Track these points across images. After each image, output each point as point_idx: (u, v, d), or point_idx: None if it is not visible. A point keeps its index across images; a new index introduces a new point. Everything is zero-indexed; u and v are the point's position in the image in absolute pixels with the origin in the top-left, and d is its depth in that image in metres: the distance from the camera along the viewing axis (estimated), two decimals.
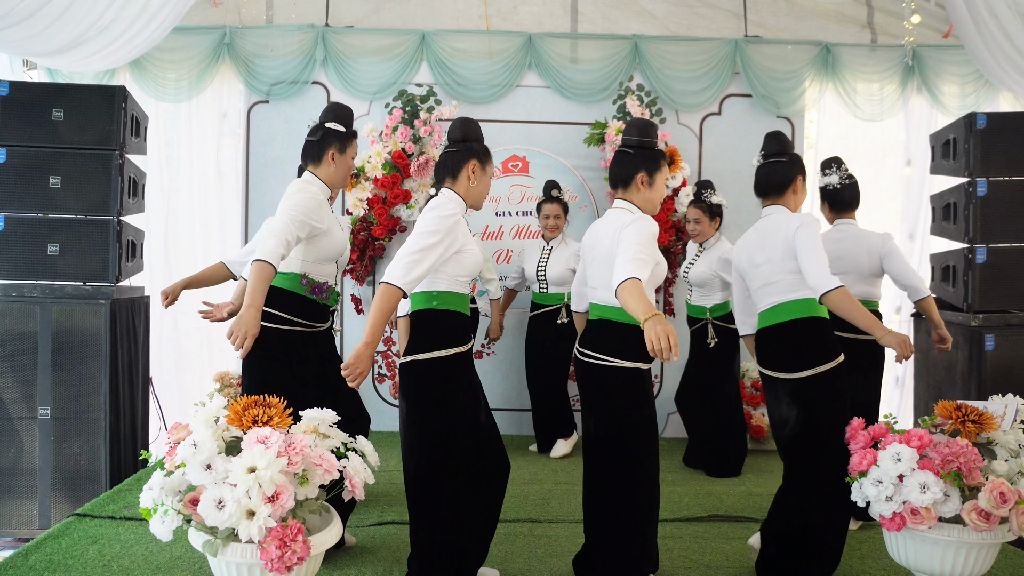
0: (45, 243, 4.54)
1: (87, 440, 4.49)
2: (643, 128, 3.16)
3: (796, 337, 3.18)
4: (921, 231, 6.20)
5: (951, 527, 2.64)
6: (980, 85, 6.09)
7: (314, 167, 3.40)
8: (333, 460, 2.42)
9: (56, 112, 4.56)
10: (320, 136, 3.38)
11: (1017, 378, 4.51)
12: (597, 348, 3.03)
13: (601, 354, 3.00)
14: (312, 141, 3.40)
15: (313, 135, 3.41)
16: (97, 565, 3.22)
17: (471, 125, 3.16)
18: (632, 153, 3.13)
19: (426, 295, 2.96)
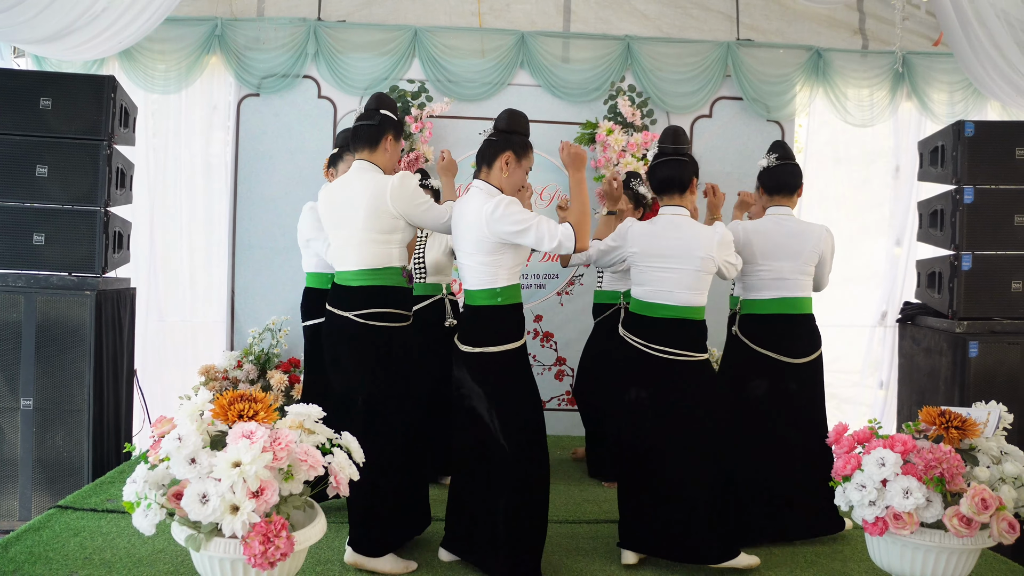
0: (31, 232, 4.51)
1: (70, 432, 4.46)
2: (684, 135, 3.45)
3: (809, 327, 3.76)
4: (908, 237, 6.24)
5: (933, 532, 2.66)
6: (969, 93, 6.14)
7: (369, 153, 3.32)
8: (318, 456, 2.41)
9: (44, 101, 4.52)
10: (379, 121, 3.31)
11: (1000, 385, 4.55)
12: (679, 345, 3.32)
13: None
14: (369, 125, 3.31)
15: (368, 119, 3.32)
16: (78, 557, 3.20)
17: (517, 117, 3.23)
18: (688, 160, 3.39)
19: (489, 292, 3.14)
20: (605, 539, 3.69)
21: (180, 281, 6.15)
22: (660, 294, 3.36)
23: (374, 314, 3.20)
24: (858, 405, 6.47)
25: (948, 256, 4.79)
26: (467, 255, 3.19)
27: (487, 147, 3.21)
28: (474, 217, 3.11)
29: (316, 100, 5.95)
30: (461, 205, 3.24)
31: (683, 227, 3.37)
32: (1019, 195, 4.72)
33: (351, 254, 3.25)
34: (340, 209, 3.28)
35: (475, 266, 3.17)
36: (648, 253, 3.38)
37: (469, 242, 3.16)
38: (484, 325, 3.15)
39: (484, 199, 3.11)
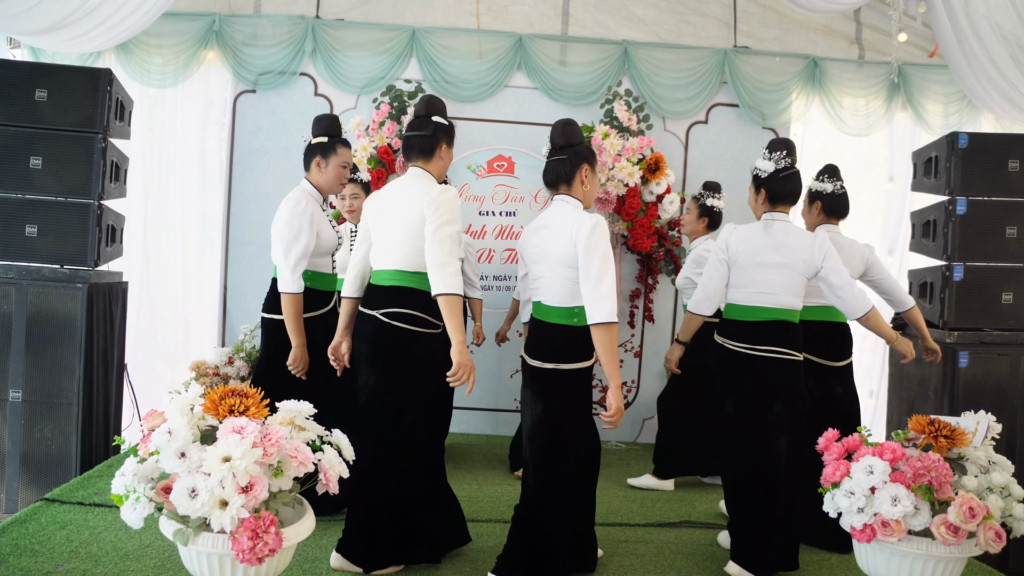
0: (23, 224, 4.49)
1: (58, 425, 4.44)
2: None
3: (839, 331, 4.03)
4: (900, 247, 6.26)
5: (920, 540, 2.67)
6: (963, 105, 6.17)
7: (425, 162, 3.33)
8: (308, 453, 2.40)
9: (39, 92, 4.51)
10: (432, 131, 3.31)
11: (989, 395, 4.57)
12: None
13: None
14: (423, 136, 3.31)
15: (422, 129, 3.31)
16: (64, 551, 3.18)
17: (574, 128, 3.25)
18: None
19: (567, 311, 3.13)
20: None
21: (172, 276, 6.14)
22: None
23: (405, 316, 3.21)
24: None
25: (940, 267, 4.81)
26: (550, 268, 3.15)
27: (559, 166, 3.20)
28: (565, 232, 3.07)
29: (313, 98, 5.94)
30: (543, 219, 3.22)
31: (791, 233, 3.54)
32: (1011, 207, 4.74)
33: (388, 256, 3.27)
34: (392, 212, 3.27)
35: (559, 280, 3.13)
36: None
37: (555, 256, 3.11)
38: (558, 343, 3.15)
39: (576, 214, 3.11)
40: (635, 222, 5.74)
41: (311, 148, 3.81)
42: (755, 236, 3.51)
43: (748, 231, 3.54)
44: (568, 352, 3.13)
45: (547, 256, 3.14)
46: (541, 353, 3.16)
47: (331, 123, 3.84)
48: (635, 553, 3.61)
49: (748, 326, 3.46)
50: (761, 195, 3.61)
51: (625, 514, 4.17)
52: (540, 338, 3.19)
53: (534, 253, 3.21)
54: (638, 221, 5.73)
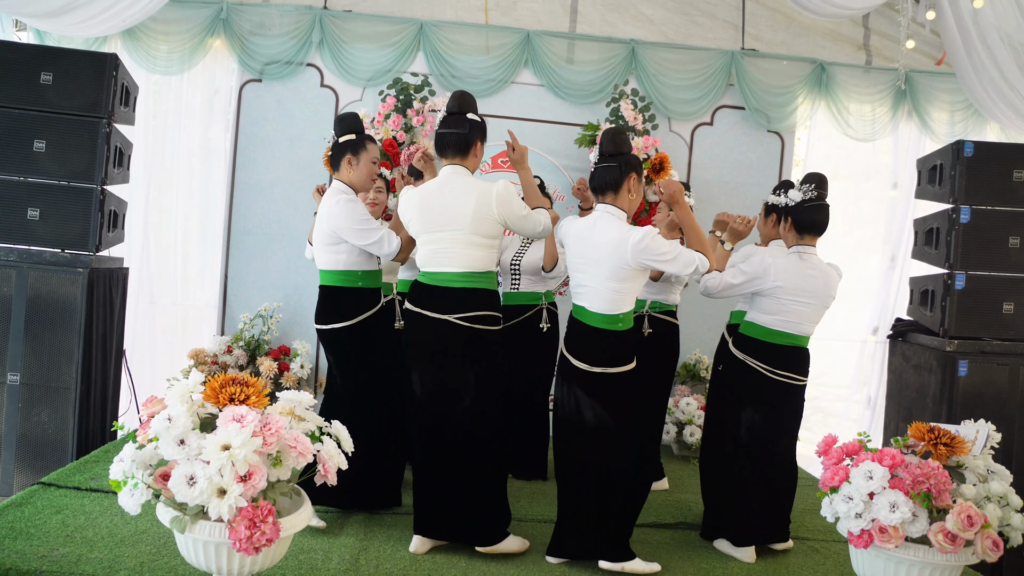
0: (25, 207, 4.48)
1: (56, 409, 4.43)
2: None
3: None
4: (903, 254, 6.26)
5: (917, 547, 2.67)
6: (969, 114, 6.17)
7: (462, 159, 3.39)
8: (308, 443, 2.40)
9: (45, 75, 4.50)
10: (468, 128, 3.36)
11: (987, 404, 4.57)
12: None
13: None
14: (459, 134, 3.36)
15: (458, 127, 3.36)
16: (60, 535, 3.18)
17: (624, 138, 3.31)
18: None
19: (611, 318, 3.24)
20: None
21: (173, 263, 6.13)
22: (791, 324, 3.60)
23: (477, 317, 3.30)
24: (844, 419, 6.50)
25: (942, 275, 4.81)
26: (595, 279, 3.24)
27: (608, 172, 3.28)
28: (613, 246, 3.17)
29: (318, 89, 5.93)
30: (586, 229, 3.30)
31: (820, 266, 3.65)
32: (1015, 217, 4.74)
33: (456, 258, 3.31)
34: (438, 212, 3.32)
35: (605, 291, 3.23)
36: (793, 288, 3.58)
37: (602, 268, 3.21)
38: (603, 348, 3.26)
39: (621, 226, 3.21)
40: (638, 222, 5.73)
41: (340, 147, 3.67)
42: (793, 269, 3.59)
43: (788, 264, 3.60)
44: (614, 356, 3.26)
45: (594, 268, 3.24)
46: (587, 356, 3.26)
47: (355, 121, 3.73)
48: None
49: (772, 349, 3.61)
50: (787, 224, 3.69)
51: None
52: (584, 341, 3.29)
53: (576, 261, 3.32)
54: (641, 221, 5.73)
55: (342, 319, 3.59)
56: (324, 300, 3.66)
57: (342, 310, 3.60)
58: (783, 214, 3.72)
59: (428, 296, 3.36)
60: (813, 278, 3.57)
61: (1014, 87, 5.54)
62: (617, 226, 3.22)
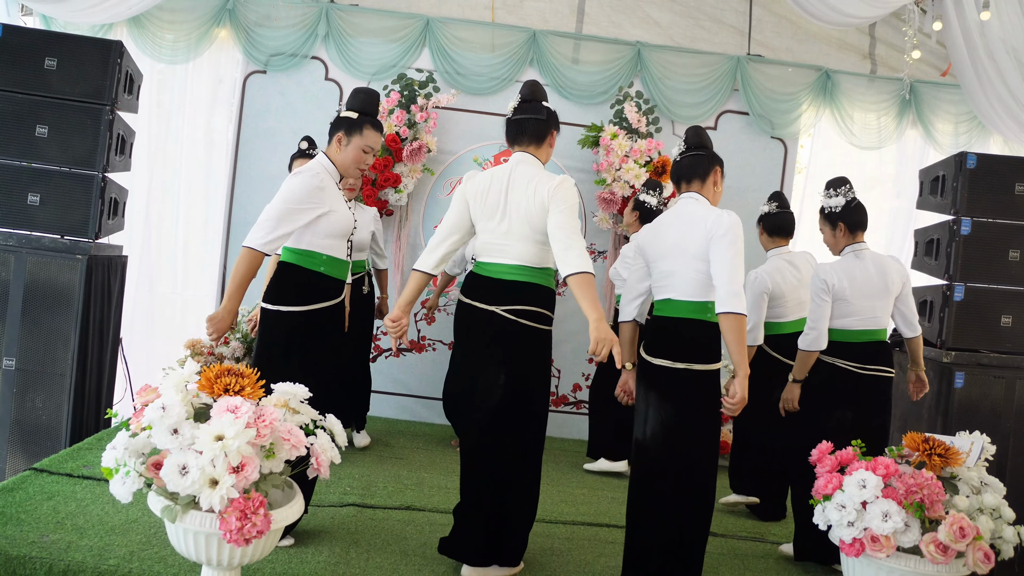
0: (26, 192, 4.47)
1: (50, 395, 4.43)
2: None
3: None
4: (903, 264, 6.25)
5: (908, 557, 2.66)
6: (973, 126, 6.17)
7: (536, 148, 3.26)
8: (302, 436, 2.39)
9: (49, 61, 4.49)
10: (546, 116, 3.26)
11: (983, 417, 4.57)
12: None
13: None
14: (538, 120, 3.25)
15: (537, 113, 3.24)
16: (50, 521, 3.17)
17: (706, 134, 3.32)
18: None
19: (700, 305, 3.09)
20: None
21: (173, 253, 6.13)
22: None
23: (525, 312, 3.17)
24: None
25: (941, 286, 4.80)
26: (683, 263, 3.11)
27: (696, 161, 3.26)
28: (701, 228, 3.07)
29: (323, 82, 5.93)
30: (669, 217, 3.23)
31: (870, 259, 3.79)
32: (1016, 230, 4.74)
33: (510, 250, 3.19)
34: (499, 201, 3.19)
35: (692, 274, 3.09)
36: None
37: (690, 249, 3.09)
38: (688, 340, 3.10)
39: (710, 210, 3.14)
40: None
41: (338, 121, 3.42)
42: (854, 269, 3.73)
43: (845, 266, 3.74)
44: (699, 352, 3.08)
45: (680, 250, 3.11)
46: (670, 352, 3.09)
47: (367, 99, 3.43)
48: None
49: (857, 347, 3.71)
50: (840, 229, 3.82)
51: (612, 515, 4.16)
52: (666, 336, 3.13)
53: (662, 249, 3.18)
54: None
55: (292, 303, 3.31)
56: (275, 280, 3.40)
57: (289, 292, 3.33)
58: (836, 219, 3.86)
59: (479, 287, 3.24)
60: (880, 272, 3.76)
61: (1019, 100, 5.55)
62: (706, 209, 3.14)
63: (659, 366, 3.09)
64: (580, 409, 6.03)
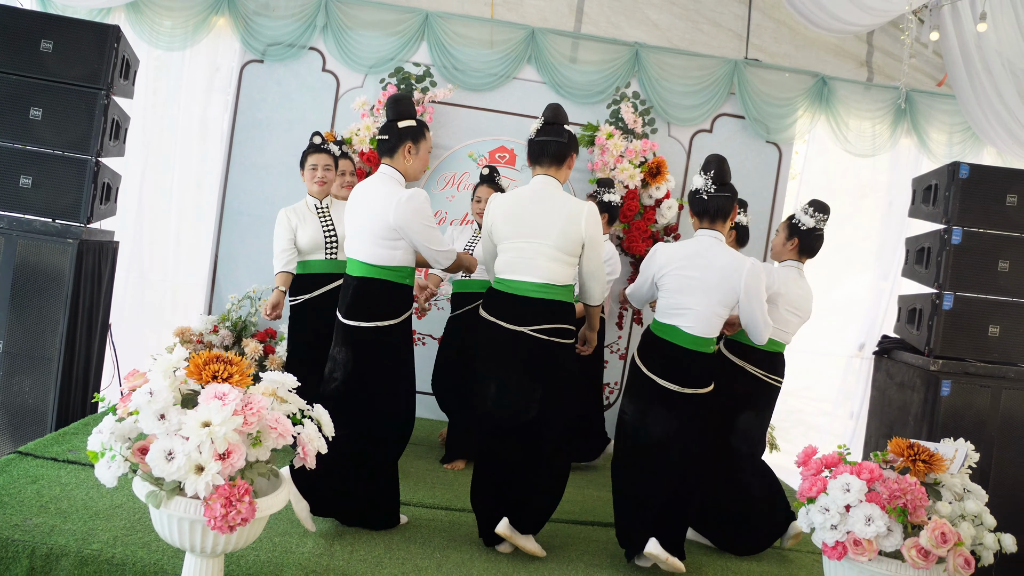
0: (18, 174, 4.45)
1: (37, 379, 4.41)
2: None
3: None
4: (894, 272, 6.28)
5: (890, 562, 2.68)
6: (967, 136, 6.19)
7: (556, 170, 3.45)
8: (289, 425, 2.39)
9: (45, 43, 4.47)
10: (567, 139, 3.45)
11: (968, 426, 4.60)
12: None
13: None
14: (560, 143, 3.43)
15: (559, 136, 3.43)
16: (34, 505, 3.16)
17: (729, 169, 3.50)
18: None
19: (711, 341, 3.44)
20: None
21: (165, 240, 6.10)
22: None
23: (553, 330, 3.33)
24: (826, 434, 6.51)
25: (931, 294, 4.83)
26: (705, 304, 3.36)
27: (726, 203, 3.45)
28: (731, 281, 3.35)
29: (320, 73, 5.91)
30: (692, 253, 3.41)
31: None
32: (1006, 241, 4.77)
33: (536, 268, 3.33)
34: (527, 222, 3.34)
35: (711, 317, 3.38)
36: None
37: (715, 296, 3.36)
38: (696, 369, 3.40)
39: (737, 261, 3.37)
40: (631, 224, 5.74)
41: (400, 132, 3.40)
42: (794, 283, 3.87)
43: (788, 275, 3.87)
44: (707, 378, 3.41)
45: (703, 292, 3.35)
46: (680, 379, 3.37)
47: (412, 105, 3.49)
48: (605, 552, 3.61)
49: (774, 356, 3.87)
50: (793, 243, 3.91)
51: (600, 514, 4.17)
52: (677, 364, 3.38)
53: (682, 285, 3.38)
54: (634, 224, 5.73)
55: (389, 316, 3.38)
56: (367, 296, 3.38)
57: (388, 307, 3.38)
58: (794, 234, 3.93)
59: (504, 305, 3.37)
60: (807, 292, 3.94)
61: (1013, 113, 5.58)
62: (731, 258, 3.38)
63: (687, 394, 3.37)
64: None
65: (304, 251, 4.27)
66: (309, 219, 4.27)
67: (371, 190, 3.39)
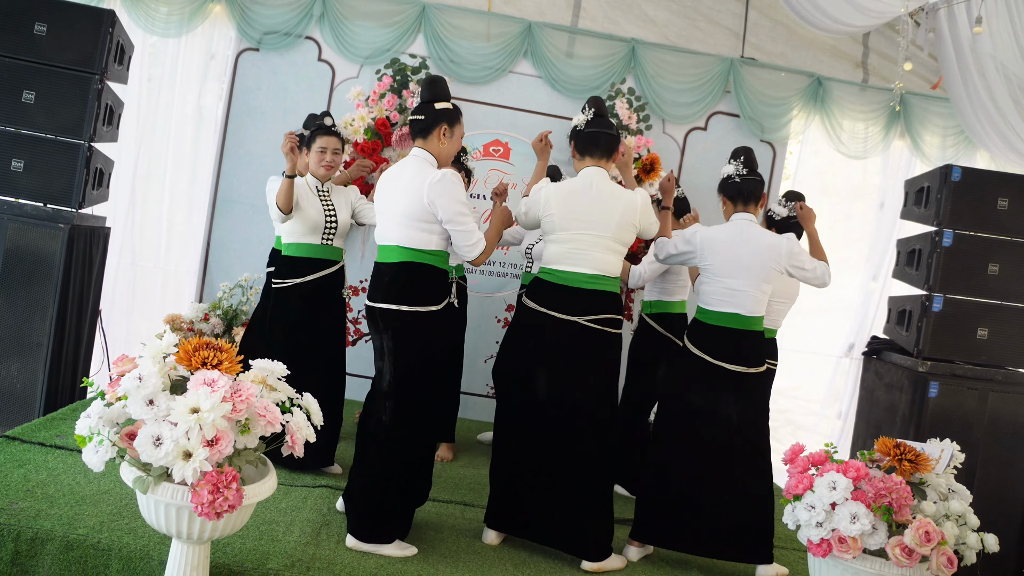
0: (10, 158, 4.43)
1: (26, 364, 4.39)
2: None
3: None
4: (884, 273, 6.31)
5: (874, 560, 2.69)
6: (961, 140, 6.21)
7: (606, 161, 3.55)
8: (277, 413, 2.39)
9: (39, 26, 4.44)
10: (615, 130, 3.60)
11: (954, 427, 4.62)
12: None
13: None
14: (611, 136, 3.54)
15: (608, 128, 3.56)
16: (20, 489, 3.15)
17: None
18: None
19: (760, 319, 3.60)
20: None
21: (157, 227, 6.08)
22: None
23: (605, 320, 3.38)
24: (813, 433, 6.54)
25: (920, 296, 4.85)
26: (752, 284, 3.51)
27: (758, 187, 3.66)
28: (772, 257, 3.51)
29: (315, 63, 5.89)
30: (733, 235, 3.56)
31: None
32: (996, 244, 4.79)
33: (588, 259, 3.37)
34: (583, 213, 3.39)
35: (759, 295, 3.53)
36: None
37: (760, 274, 3.51)
38: (750, 348, 3.53)
39: (773, 237, 3.57)
40: None
41: (435, 113, 3.33)
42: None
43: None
44: (759, 356, 3.55)
45: (751, 272, 3.50)
46: (741, 358, 3.50)
47: (447, 88, 3.44)
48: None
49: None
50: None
51: None
52: (734, 344, 3.51)
53: (725, 267, 3.52)
54: None
55: (430, 302, 3.26)
56: (406, 280, 3.25)
57: (429, 292, 3.27)
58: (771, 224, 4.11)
59: (555, 296, 3.38)
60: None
61: (1006, 117, 5.60)
62: (768, 235, 3.56)
63: (736, 371, 3.49)
64: None
65: (299, 231, 4.05)
66: (311, 198, 4.07)
67: (405, 173, 3.28)
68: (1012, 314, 4.81)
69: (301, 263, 4.04)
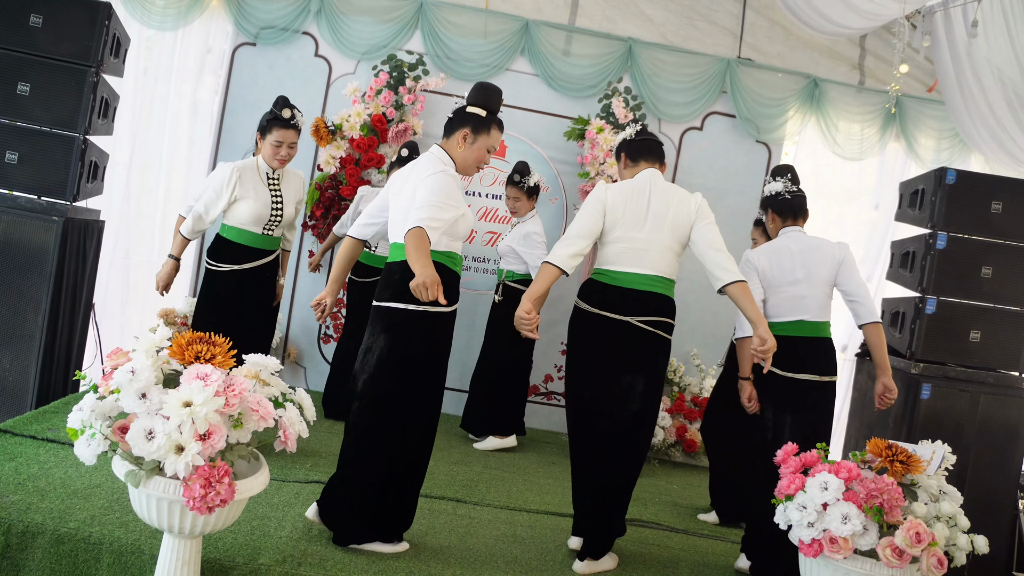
0: (4, 150, 4.41)
1: (18, 357, 4.38)
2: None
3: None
4: (878, 275, 6.32)
5: (864, 560, 2.70)
6: (955, 143, 6.23)
7: (660, 165, 3.59)
8: (270, 408, 2.39)
9: (35, 18, 4.42)
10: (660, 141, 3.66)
11: (946, 429, 4.62)
12: None
13: None
14: (659, 142, 3.62)
15: (655, 137, 3.63)
16: (11, 482, 3.14)
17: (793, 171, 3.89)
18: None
19: (828, 325, 3.76)
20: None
21: (151, 221, 6.07)
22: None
23: (658, 322, 3.34)
24: None
25: (914, 298, 4.86)
26: (817, 289, 3.66)
27: (806, 202, 3.84)
28: (830, 260, 3.69)
29: (312, 58, 5.89)
30: (788, 247, 3.70)
31: None
32: (990, 247, 4.80)
33: (647, 260, 3.34)
34: (645, 213, 3.36)
35: (824, 299, 3.68)
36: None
37: (823, 278, 3.67)
38: (824, 356, 3.65)
39: (827, 242, 3.73)
40: None
41: (463, 116, 3.26)
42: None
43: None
44: (833, 364, 3.67)
45: (812, 279, 3.64)
46: (818, 368, 3.60)
47: (496, 96, 3.34)
48: None
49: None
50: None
51: None
52: (809, 354, 3.61)
53: (785, 277, 3.65)
54: None
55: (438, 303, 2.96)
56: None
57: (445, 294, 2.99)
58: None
59: (609, 296, 3.34)
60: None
61: (1000, 121, 5.61)
62: (823, 242, 3.72)
63: (814, 381, 3.58)
64: (551, 400, 6.05)
65: (243, 219, 4.05)
66: (260, 190, 4.03)
67: (414, 171, 3.17)
68: (1004, 317, 4.82)
69: (242, 251, 4.12)
